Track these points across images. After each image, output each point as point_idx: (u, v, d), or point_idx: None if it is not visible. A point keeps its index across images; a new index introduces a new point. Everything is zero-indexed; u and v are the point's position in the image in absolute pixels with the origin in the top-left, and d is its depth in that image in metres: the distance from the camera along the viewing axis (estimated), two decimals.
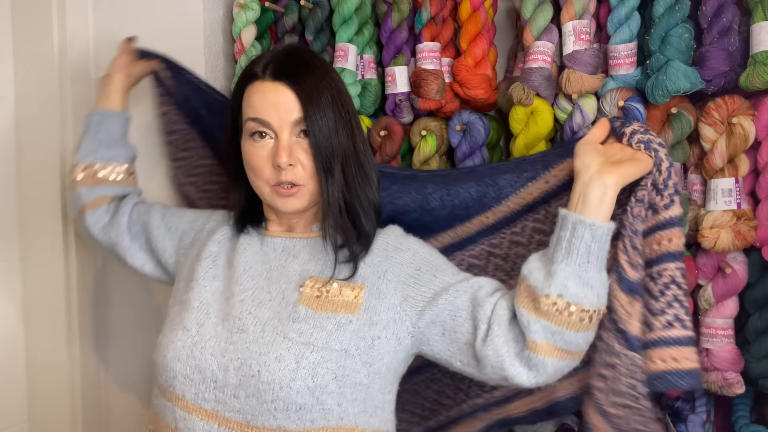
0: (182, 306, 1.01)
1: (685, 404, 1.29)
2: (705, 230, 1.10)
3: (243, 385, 0.90)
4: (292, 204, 0.96)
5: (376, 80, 1.39)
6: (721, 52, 1.09)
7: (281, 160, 0.92)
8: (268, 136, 0.95)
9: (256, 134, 0.95)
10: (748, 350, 1.14)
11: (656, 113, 1.17)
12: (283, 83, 0.94)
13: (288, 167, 0.93)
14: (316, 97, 0.94)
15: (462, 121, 1.30)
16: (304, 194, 0.96)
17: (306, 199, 0.96)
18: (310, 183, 0.95)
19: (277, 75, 0.95)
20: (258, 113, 0.94)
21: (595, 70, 1.18)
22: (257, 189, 0.99)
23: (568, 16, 1.18)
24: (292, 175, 0.94)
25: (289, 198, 0.95)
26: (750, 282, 1.13)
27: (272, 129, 0.94)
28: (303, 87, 0.94)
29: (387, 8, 1.35)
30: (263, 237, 1.04)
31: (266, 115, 0.94)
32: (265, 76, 0.95)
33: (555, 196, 1.02)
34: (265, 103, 0.94)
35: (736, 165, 1.10)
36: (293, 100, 0.93)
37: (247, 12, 1.36)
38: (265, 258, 1.01)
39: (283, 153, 0.92)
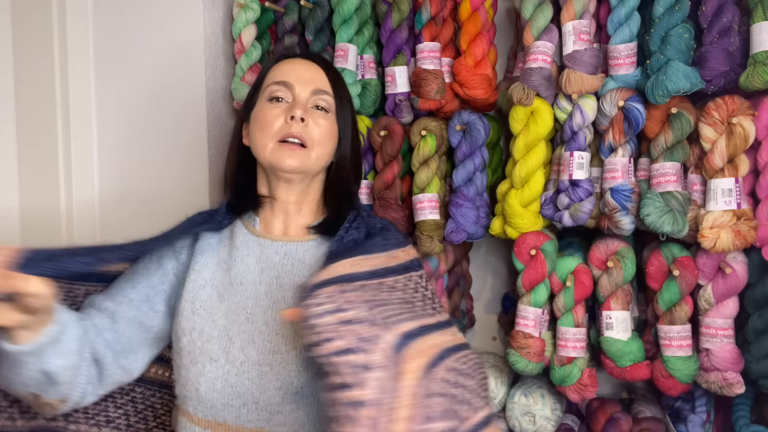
0: (197, 335, 0.93)
1: (685, 404, 1.29)
2: (705, 230, 1.10)
3: (286, 401, 0.88)
4: (292, 161, 0.93)
5: (376, 80, 1.39)
6: (721, 52, 1.09)
7: (296, 112, 0.93)
8: (285, 101, 0.96)
9: (274, 98, 0.97)
10: (748, 350, 1.14)
11: (656, 113, 1.17)
12: (314, 62, 1.00)
13: (300, 122, 0.93)
14: (343, 84, 1.02)
15: (462, 121, 1.30)
16: (305, 158, 0.94)
17: (305, 163, 0.94)
18: (315, 149, 0.95)
19: (310, 57, 1.02)
20: (283, 77, 0.97)
21: (595, 70, 1.18)
22: (260, 148, 0.95)
23: (568, 16, 1.18)
24: (302, 130, 0.94)
25: (292, 152, 0.93)
26: (750, 282, 1.14)
27: (293, 91, 0.96)
28: (332, 70, 1.02)
29: (387, 8, 1.35)
30: (260, 240, 0.98)
31: (291, 79, 0.97)
32: (298, 56, 1.02)
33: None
34: (293, 72, 0.98)
35: (736, 165, 1.10)
36: (321, 74, 0.99)
37: (247, 12, 1.36)
38: (269, 264, 0.96)
39: (299, 107, 0.94)
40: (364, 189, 1.38)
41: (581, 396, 1.23)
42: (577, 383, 1.22)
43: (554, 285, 1.24)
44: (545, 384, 1.33)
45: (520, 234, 1.24)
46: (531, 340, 1.23)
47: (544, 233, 1.24)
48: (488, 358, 1.44)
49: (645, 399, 1.38)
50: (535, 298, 1.23)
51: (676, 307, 1.16)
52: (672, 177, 1.14)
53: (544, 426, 1.29)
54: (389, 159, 1.33)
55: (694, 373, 1.15)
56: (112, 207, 1.46)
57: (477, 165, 1.29)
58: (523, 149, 1.23)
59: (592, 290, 1.23)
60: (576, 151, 1.20)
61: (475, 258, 1.62)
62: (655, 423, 1.27)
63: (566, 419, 1.36)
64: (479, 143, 1.29)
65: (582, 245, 1.34)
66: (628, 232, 1.17)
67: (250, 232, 0.99)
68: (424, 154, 1.31)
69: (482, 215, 1.30)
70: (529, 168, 1.22)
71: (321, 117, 0.96)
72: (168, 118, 1.41)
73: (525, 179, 1.23)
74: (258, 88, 1.01)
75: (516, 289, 1.26)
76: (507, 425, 1.33)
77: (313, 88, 0.97)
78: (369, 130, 1.37)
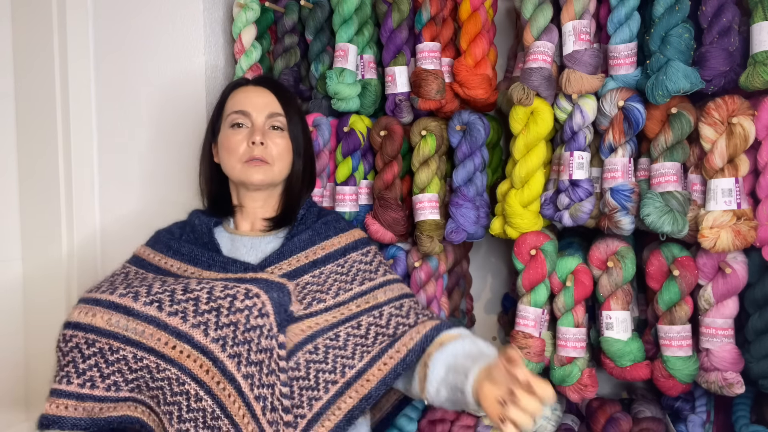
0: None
1: (685, 404, 1.29)
2: (705, 230, 1.10)
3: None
4: (258, 175, 1.09)
5: (376, 80, 1.39)
6: (721, 52, 1.09)
7: (256, 137, 1.08)
8: (245, 126, 1.11)
9: (236, 125, 1.11)
10: (748, 350, 1.14)
11: (656, 113, 1.17)
12: (265, 87, 1.14)
13: (260, 145, 1.09)
14: (292, 102, 1.15)
15: (462, 121, 1.30)
16: (269, 172, 1.10)
17: (270, 176, 1.10)
18: (277, 164, 1.11)
19: (260, 82, 1.16)
20: (240, 106, 1.12)
21: (595, 70, 1.18)
22: (230, 169, 1.11)
23: (568, 16, 1.18)
24: (263, 152, 1.09)
25: (257, 168, 1.09)
26: (750, 282, 1.14)
27: (250, 118, 1.11)
28: (281, 91, 1.15)
29: (387, 8, 1.35)
30: (232, 235, 1.14)
31: (247, 107, 1.11)
32: (250, 83, 1.16)
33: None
34: (247, 99, 1.12)
35: (736, 165, 1.10)
36: (272, 98, 1.13)
37: (247, 12, 1.36)
38: (237, 255, 1.10)
39: (258, 132, 1.09)
40: (364, 189, 1.38)
41: (581, 396, 1.23)
42: (577, 383, 1.22)
43: (554, 285, 1.24)
44: None
45: (520, 234, 1.24)
46: (531, 340, 1.23)
47: (544, 233, 1.24)
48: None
49: (645, 399, 1.38)
50: (535, 298, 1.23)
51: (676, 307, 1.16)
52: (672, 177, 1.13)
53: (544, 426, 1.29)
54: (389, 159, 1.33)
55: (694, 373, 1.15)
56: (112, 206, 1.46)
57: (477, 165, 1.29)
58: (523, 149, 1.23)
59: (592, 290, 1.23)
60: (576, 151, 1.20)
61: (475, 258, 1.62)
62: (655, 423, 1.26)
63: (566, 419, 1.36)
64: (479, 143, 1.29)
65: (582, 245, 1.34)
66: (628, 232, 1.17)
67: (225, 229, 1.16)
68: (424, 154, 1.31)
69: (482, 215, 1.30)
70: (529, 168, 1.22)
71: (277, 136, 1.11)
72: (168, 118, 1.41)
73: (525, 179, 1.23)
74: (220, 113, 1.15)
75: (516, 289, 1.26)
76: None
77: (268, 112, 1.11)
78: (369, 130, 1.37)
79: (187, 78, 1.39)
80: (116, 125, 1.45)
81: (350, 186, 1.36)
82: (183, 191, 1.40)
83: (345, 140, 1.35)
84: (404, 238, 1.37)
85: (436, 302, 1.34)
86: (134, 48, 1.42)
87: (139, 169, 1.44)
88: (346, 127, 1.35)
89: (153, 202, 1.43)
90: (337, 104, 1.35)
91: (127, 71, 1.43)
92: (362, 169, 1.38)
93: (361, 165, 1.37)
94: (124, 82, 1.44)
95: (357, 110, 1.38)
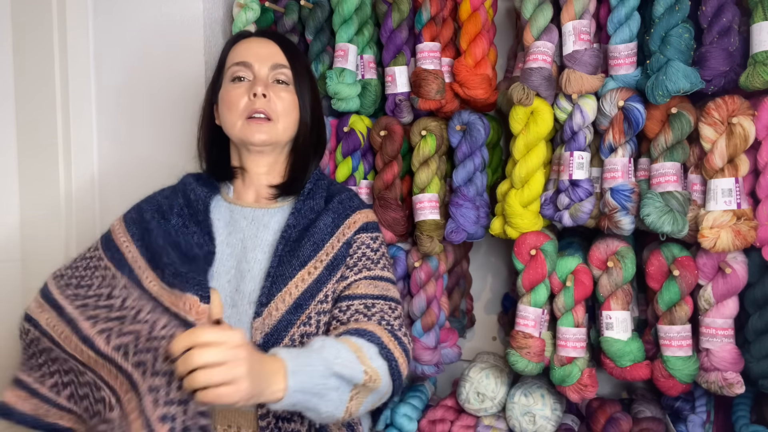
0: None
1: (685, 404, 1.29)
2: (705, 230, 1.10)
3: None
4: (260, 135, 1.01)
5: (376, 80, 1.39)
6: (721, 52, 1.09)
7: (257, 89, 1.00)
8: (246, 79, 1.03)
9: (237, 78, 1.03)
10: (748, 350, 1.14)
11: (656, 113, 1.17)
12: (269, 39, 1.06)
13: (262, 98, 1.00)
14: (299, 55, 1.07)
15: (462, 121, 1.30)
16: (273, 130, 1.02)
17: (273, 135, 1.02)
18: (280, 121, 1.03)
19: (265, 35, 1.08)
20: (241, 57, 1.04)
21: (595, 70, 1.18)
22: (230, 127, 1.03)
23: (568, 16, 1.18)
24: (265, 105, 1.01)
25: (260, 126, 1.01)
26: (750, 282, 1.13)
27: (252, 70, 1.03)
28: (287, 44, 1.06)
29: (387, 8, 1.35)
30: (231, 206, 1.06)
31: (249, 58, 1.03)
32: (253, 36, 1.08)
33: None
34: (250, 51, 1.04)
35: (736, 165, 1.10)
36: (277, 50, 1.05)
37: (247, 12, 1.36)
38: (236, 228, 1.04)
39: (260, 84, 1.01)
40: (364, 189, 1.38)
41: (581, 396, 1.23)
42: (577, 383, 1.22)
43: (554, 285, 1.24)
44: (545, 384, 1.33)
45: (520, 234, 1.24)
46: (531, 340, 1.23)
47: (544, 233, 1.24)
48: (488, 358, 1.44)
49: (645, 399, 1.38)
50: (535, 298, 1.23)
51: (676, 307, 1.16)
52: (672, 177, 1.13)
53: (544, 426, 1.29)
54: (389, 159, 1.33)
55: (694, 373, 1.15)
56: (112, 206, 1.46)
57: (477, 165, 1.29)
58: (523, 149, 1.23)
59: (592, 290, 1.23)
60: (576, 151, 1.20)
61: (475, 258, 1.62)
62: (655, 423, 1.26)
63: (566, 419, 1.36)
64: (479, 143, 1.29)
65: (582, 245, 1.34)
66: (628, 232, 1.17)
67: (223, 198, 1.08)
68: (424, 154, 1.31)
69: (482, 215, 1.30)
70: (529, 168, 1.22)
71: (282, 90, 1.03)
72: (168, 118, 1.41)
73: (525, 179, 1.23)
74: (221, 70, 1.07)
75: (516, 289, 1.26)
76: (507, 425, 1.33)
77: (271, 63, 1.03)
78: (369, 130, 1.37)
79: (187, 78, 1.39)
80: (116, 125, 1.45)
81: (350, 186, 1.36)
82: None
83: (345, 140, 1.35)
84: (404, 238, 1.37)
85: (436, 302, 1.34)
86: (134, 48, 1.42)
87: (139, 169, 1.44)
88: (346, 127, 1.35)
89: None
90: (337, 104, 1.35)
91: (128, 71, 1.43)
92: (362, 169, 1.38)
93: (361, 165, 1.37)
94: (124, 82, 1.44)
95: (357, 110, 1.38)
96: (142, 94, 1.42)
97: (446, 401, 1.42)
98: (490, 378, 1.35)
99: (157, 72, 1.41)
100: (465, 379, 1.36)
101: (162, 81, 1.41)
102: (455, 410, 1.40)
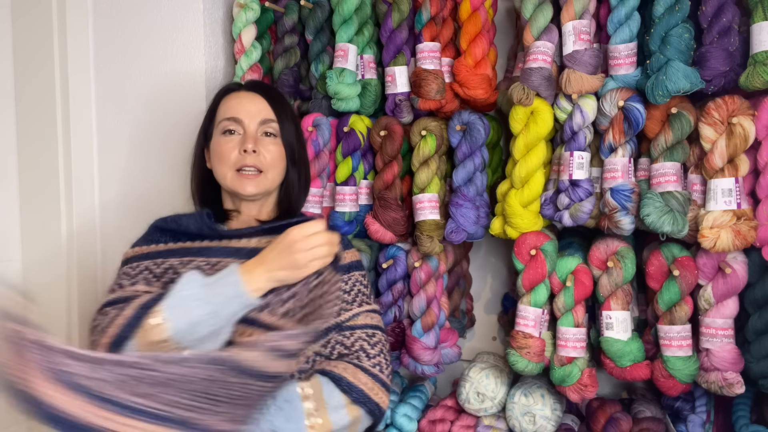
0: None
1: (685, 404, 1.29)
2: (705, 230, 1.10)
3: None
4: (251, 188, 1.08)
5: (376, 80, 1.39)
6: (721, 52, 1.09)
7: (248, 145, 1.06)
8: (237, 133, 1.09)
9: (227, 132, 1.09)
10: (748, 350, 1.14)
11: (656, 113, 1.17)
12: (257, 93, 1.12)
13: (252, 153, 1.07)
14: (285, 106, 1.13)
15: (462, 121, 1.30)
16: (263, 182, 1.09)
17: (263, 187, 1.09)
18: (270, 172, 1.10)
19: (252, 88, 1.14)
20: (232, 113, 1.10)
21: (595, 70, 1.18)
22: (221, 177, 1.10)
23: (568, 16, 1.18)
24: (255, 160, 1.08)
25: (250, 181, 1.08)
26: (750, 282, 1.13)
27: (242, 125, 1.09)
28: (274, 97, 1.13)
29: (387, 8, 1.35)
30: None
31: (239, 114, 1.09)
32: (242, 89, 1.14)
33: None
34: (240, 107, 1.10)
35: (736, 165, 1.10)
36: (264, 105, 1.11)
37: (247, 12, 1.37)
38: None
39: (250, 140, 1.08)
40: (364, 189, 1.38)
41: (581, 396, 1.23)
42: (577, 383, 1.22)
43: (554, 285, 1.24)
44: (545, 384, 1.33)
45: (520, 234, 1.24)
46: (531, 340, 1.22)
47: (544, 233, 1.24)
48: (488, 358, 1.44)
49: (645, 399, 1.38)
50: (535, 298, 1.23)
51: (676, 307, 1.16)
52: (672, 177, 1.13)
53: (544, 426, 1.29)
54: (389, 159, 1.33)
55: (694, 373, 1.15)
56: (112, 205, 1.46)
57: (477, 165, 1.29)
58: (523, 149, 1.23)
59: (592, 290, 1.23)
60: (576, 151, 1.20)
61: (475, 258, 1.62)
62: (655, 423, 1.26)
63: (566, 419, 1.36)
64: (479, 143, 1.29)
65: (582, 245, 1.34)
66: (628, 232, 1.17)
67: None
68: (424, 154, 1.31)
69: (482, 215, 1.30)
70: (529, 168, 1.22)
71: (270, 143, 1.10)
72: (168, 118, 1.41)
73: (525, 179, 1.23)
74: (212, 119, 1.13)
75: (516, 289, 1.26)
76: (507, 425, 1.33)
77: (260, 119, 1.09)
78: (369, 130, 1.37)
79: (187, 78, 1.39)
80: (116, 125, 1.45)
81: (350, 186, 1.36)
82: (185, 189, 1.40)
83: (345, 140, 1.35)
84: (404, 238, 1.37)
85: (436, 302, 1.34)
86: (134, 48, 1.42)
87: (139, 169, 1.44)
88: (346, 127, 1.35)
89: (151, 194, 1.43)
90: (337, 104, 1.35)
91: (127, 71, 1.43)
92: (362, 169, 1.38)
93: (361, 165, 1.37)
94: (124, 82, 1.44)
95: (357, 110, 1.38)
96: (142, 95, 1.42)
97: (446, 401, 1.42)
98: (490, 378, 1.35)
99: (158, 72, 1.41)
100: (465, 379, 1.36)
101: (162, 81, 1.41)
102: (455, 410, 1.40)
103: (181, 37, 1.39)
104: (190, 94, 1.39)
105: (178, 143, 1.40)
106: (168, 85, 1.41)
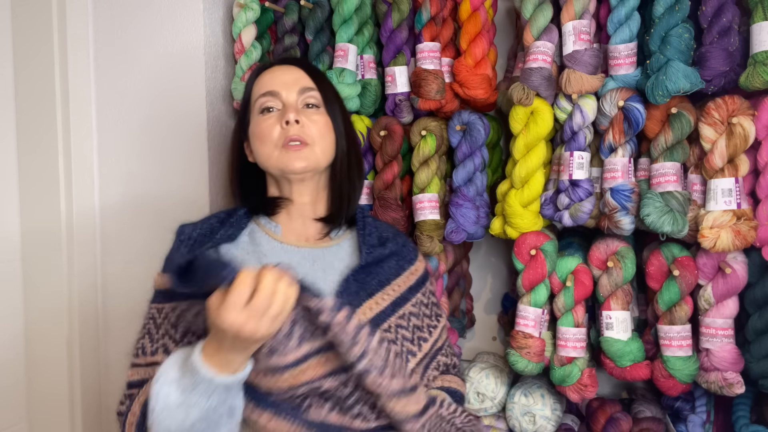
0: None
1: (685, 404, 1.29)
2: (705, 230, 1.10)
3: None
4: (300, 162, 0.95)
5: (376, 80, 1.39)
6: (721, 52, 1.09)
7: (289, 116, 0.94)
8: (276, 109, 0.98)
9: (265, 110, 0.98)
10: (748, 350, 1.14)
11: (656, 113, 1.17)
12: (292, 65, 1.02)
13: (295, 124, 0.95)
14: (325, 78, 1.03)
15: (462, 121, 1.30)
16: (311, 155, 0.96)
17: (313, 160, 0.96)
18: (317, 145, 0.97)
19: (286, 61, 1.04)
20: (268, 87, 0.99)
21: (595, 70, 1.18)
22: (265, 159, 0.98)
23: (568, 16, 1.18)
24: (299, 130, 0.95)
25: (298, 153, 0.95)
26: (750, 282, 1.13)
27: (280, 98, 0.98)
28: (310, 67, 1.03)
29: (387, 8, 1.35)
30: (285, 246, 0.98)
31: (275, 87, 0.98)
32: (275, 64, 1.03)
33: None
34: (275, 79, 1.00)
35: (736, 165, 1.10)
36: (302, 74, 1.01)
37: (247, 12, 1.36)
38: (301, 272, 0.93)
39: (291, 110, 0.96)
40: (365, 189, 1.38)
41: (581, 396, 1.23)
42: (577, 383, 1.22)
43: (554, 285, 1.24)
44: (545, 384, 1.33)
45: (520, 234, 1.24)
46: (531, 340, 1.23)
47: (544, 233, 1.24)
48: (488, 358, 1.44)
49: (645, 399, 1.38)
50: (535, 298, 1.23)
51: (676, 307, 1.16)
52: (672, 177, 1.14)
53: (544, 426, 1.29)
54: (389, 159, 1.33)
55: (694, 373, 1.15)
56: (112, 206, 1.46)
57: (477, 165, 1.29)
58: (523, 149, 1.23)
59: (592, 290, 1.23)
60: (576, 151, 1.20)
61: (475, 258, 1.62)
62: (655, 423, 1.26)
63: (566, 419, 1.36)
64: (479, 143, 1.29)
65: (582, 245, 1.34)
66: (628, 232, 1.17)
67: (273, 239, 0.99)
68: (424, 154, 1.31)
69: (482, 215, 1.30)
70: (529, 168, 1.22)
71: (313, 113, 0.98)
72: (168, 118, 1.41)
73: (525, 179, 1.23)
74: (247, 105, 1.03)
75: (516, 289, 1.26)
76: (507, 425, 1.33)
77: (299, 87, 0.99)
78: (369, 130, 1.37)
79: (187, 78, 1.39)
80: (116, 125, 1.45)
81: None
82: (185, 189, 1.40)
83: None
84: None
85: None
86: (134, 48, 1.42)
87: (139, 169, 1.44)
88: None
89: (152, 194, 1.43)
90: None
91: (127, 71, 1.43)
92: None
93: None
94: (125, 81, 1.44)
95: (357, 110, 1.38)
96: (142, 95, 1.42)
97: None
98: (490, 378, 1.35)
99: (158, 72, 1.41)
100: (465, 379, 1.36)
101: (163, 81, 1.41)
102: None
103: (180, 37, 1.39)
104: (190, 94, 1.39)
105: (179, 143, 1.40)
106: (168, 84, 1.41)
